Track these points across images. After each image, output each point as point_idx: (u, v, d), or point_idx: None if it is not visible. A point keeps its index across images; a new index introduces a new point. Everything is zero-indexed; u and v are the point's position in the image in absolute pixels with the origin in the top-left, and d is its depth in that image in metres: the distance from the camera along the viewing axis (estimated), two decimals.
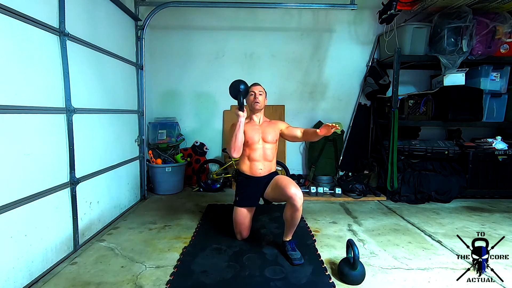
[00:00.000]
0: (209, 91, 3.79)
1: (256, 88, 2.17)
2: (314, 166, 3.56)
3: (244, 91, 2.08)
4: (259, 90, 2.17)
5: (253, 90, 2.15)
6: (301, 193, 1.87)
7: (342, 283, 1.67)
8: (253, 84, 2.20)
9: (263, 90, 2.20)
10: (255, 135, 2.13)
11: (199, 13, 3.61)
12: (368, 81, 3.64)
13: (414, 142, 3.37)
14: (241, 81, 2.09)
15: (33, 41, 1.67)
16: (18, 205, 1.55)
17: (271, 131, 2.15)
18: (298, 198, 1.84)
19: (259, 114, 2.21)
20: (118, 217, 2.66)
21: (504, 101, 3.38)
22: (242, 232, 2.16)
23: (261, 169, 2.14)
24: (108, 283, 1.66)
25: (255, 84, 2.21)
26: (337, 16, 3.69)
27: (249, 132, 2.12)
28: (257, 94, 2.14)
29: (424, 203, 3.15)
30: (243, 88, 2.07)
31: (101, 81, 2.42)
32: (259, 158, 2.14)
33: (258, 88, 2.17)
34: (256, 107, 2.15)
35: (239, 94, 2.05)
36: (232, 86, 2.09)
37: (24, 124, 1.60)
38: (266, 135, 2.14)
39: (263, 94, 2.18)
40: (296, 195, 1.84)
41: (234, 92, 2.08)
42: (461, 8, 3.01)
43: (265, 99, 2.21)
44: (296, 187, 1.88)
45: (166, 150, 3.58)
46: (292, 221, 1.92)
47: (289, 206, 1.89)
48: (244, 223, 2.15)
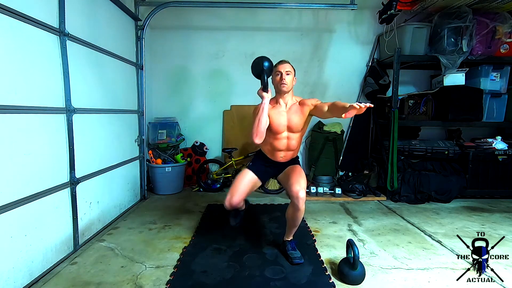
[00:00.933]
0: (209, 91, 3.79)
1: (283, 67, 1.89)
2: (314, 166, 3.56)
3: (268, 69, 1.84)
4: (286, 69, 1.89)
5: (279, 70, 1.88)
6: (304, 194, 1.78)
7: (342, 283, 1.67)
8: (280, 62, 1.92)
9: (291, 68, 1.92)
10: (280, 123, 1.91)
11: (199, 13, 3.61)
12: (368, 81, 3.64)
13: (414, 142, 3.37)
14: (265, 58, 1.84)
15: (33, 41, 1.67)
16: (18, 205, 1.55)
17: (299, 118, 1.91)
18: (300, 199, 1.76)
19: (286, 96, 1.94)
20: (118, 217, 2.66)
21: (504, 101, 3.38)
22: (234, 194, 1.88)
23: (282, 157, 1.99)
24: (108, 283, 1.66)
25: (282, 61, 1.92)
26: (337, 16, 3.69)
27: (274, 119, 1.90)
28: (284, 74, 1.87)
29: (424, 203, 3.15)
30: (267, 66, 1.83)
31: (101, 81, 2.42)
32: (283, 148, 1.97)
33: (285, 67, 1.89)
34: (283, 88, 1.89)
35: (262, 73, 1.81)
36: (255, 63, 1.85)
37: (24, 124, 1.60)
38: (293, 124, 1.91)
39: (291, 73, 1.91)
40: (298, 195, 1.76)
41: (257, 70, 1.85)
42: (461, 8, 3.01)
43: (294, 78, 1.93)
44: (301, 188, 1.79)
45: (166, 150, 3.58)
46: (293, 221, 1.88)
47: (291, 204, 1.84)
48: (241, 186, 1.92)
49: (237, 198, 1.88)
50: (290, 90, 1.93)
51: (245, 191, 1.92)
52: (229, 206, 1.89)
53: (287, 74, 1.88)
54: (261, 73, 1.83)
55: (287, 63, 1.93)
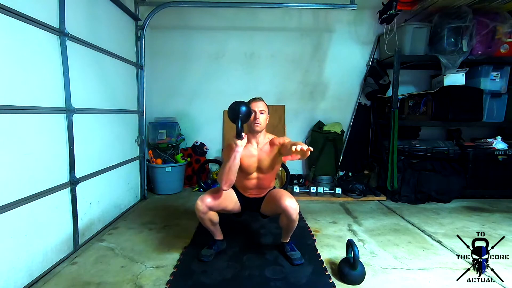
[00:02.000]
0: (209, 91, 3.79)
1: (256, 105, 1.81)
2: (314, 166, 3.56)
3: (245, 116, 1.72)
4: (260, 108, 1.81)
5: (253, 108, 1.79)
6: (296, 204, 1.73)
7: (342, 283, 1.67)
8: (253, 100, 1.84)
9: (265, 107, 1.84)
10: (250, 165, 1.86)
11: (199, 13, 3.61)
12: (368, 81, 3.64)
13: (414, 142, 3.37)
14: (242, 103, 1.71)
15: (33, 41, 1.67)
16: (18, 205, 1.55)
17: (270, 160, 1.85)
18: (293, 210, 1.70)
19: (259, 136, 1.87)
20: (118, 217, 2.66)
21: (504, 101, 3.37)
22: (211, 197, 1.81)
23: (255, 194, 1.97)
24: (108, 283, 1.66)
25: (256, 99, 1.84)
26: (337, 16, 3.69)
27: (244, 160, 1.83)
28: (258, 113, 1.80)
29: (424, 203, 3.15)
30: (244, 112, 1.70)
31: (101, 81, 2.42)
32: (253, 187, 1.95)
33: (258, 105, 1.81)
34: (256, 128, 1.82)
35: (237, 120, 1.69)
36: (231, 108, 1.72)
37: (24, 124, 1.60)
38: (264, 166, 1.86)
39: (265, 112, 1.84)
40: (291, 207, 1.70)
41: (233, 115, 1.72)
42: (461, 8, 3.01)
43: (267, 117, 1.86)
44: (291, 198, 1.73)
45: (166, 150, 3.58)
46: (288, 228, 1.86)
47: (284, 216, 1.76)
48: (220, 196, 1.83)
49: (212, 204, 1.78)
50: (263, 129, 1.86)
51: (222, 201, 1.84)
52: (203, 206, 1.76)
53: (261, 113, 1.81)
54: (236, 119, 1.70)
55: (261, 101, 1.85)
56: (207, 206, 1.78)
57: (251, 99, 1.87)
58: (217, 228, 1.96)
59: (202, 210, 1.78)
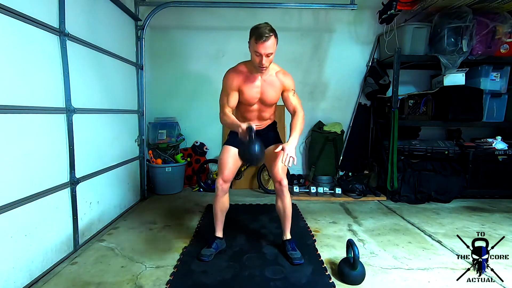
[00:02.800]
0: (209, 91, 3.77)
1: (263, 47, 1.59)
2: (314, 166, 3.56)
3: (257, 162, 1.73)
4: (268, 51, 1.62)
5: (259, 51, 1.61)
6: (286, 182, 1.89)
7: (342, 283, 1.67)
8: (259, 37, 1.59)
9: (273, 44, 1.63)
10: (252, 96, 1.81)
11: (199, 13, 3.61)
12: (368, 81, 3.64)
13: (414, 142, 3.37)
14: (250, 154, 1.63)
15: (33, 41, 1.67)
16: (18, 205, 1.55)
17: (273, 92, 1.81)
18: (284, 187, 1.88)
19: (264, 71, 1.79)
20: (118, 217, 2.66)
21: (504, 101, 3.37)
22: (223, 171, 1.85)
23: (256, 125, 1.86)
24: (108, 283, 1.66)
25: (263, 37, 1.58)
26: (337, 16, 3.69)
27: (246, 92, 1.80)
28: (264, 56, 1.64)
29: (424, 203, 3.15)
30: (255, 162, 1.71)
31: (101, 81, 2.42)
32: (254, 118, 1.93)
33: (266, 47, 1.60)
34: (262, 70, 1.74)
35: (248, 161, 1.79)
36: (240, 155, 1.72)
37: (24, 124, 1.60)
38: (267, 97, 1.82)
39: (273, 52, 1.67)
40: (282, 183, 1.87)
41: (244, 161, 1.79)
42: (461, 8, 3.01)
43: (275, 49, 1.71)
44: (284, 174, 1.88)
45: (166, 150, 3.58)
46: (285, 212, 1.94)
47: (277, 195, 1.94)
48: (228, 163, 1.88)
49: (228, 173, 1.86)
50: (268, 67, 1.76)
51: (233, 167, 1.90)
52: (222, 183, 1.85)
53: (267, 56, 1.64)
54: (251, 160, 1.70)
55: (269, 40, 1.59)
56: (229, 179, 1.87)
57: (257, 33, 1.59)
58: (222, 219, 2.01)
59: (223, 189, 1.87)
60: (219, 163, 1.93)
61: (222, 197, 1.91)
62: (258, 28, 1.63)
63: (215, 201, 1.93)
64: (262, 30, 1.60)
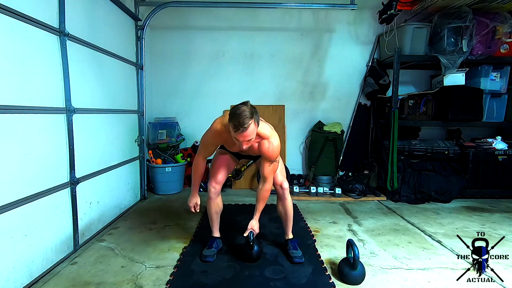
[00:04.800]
0: (209, 91, 3.79)
1: (242, 136, 1.52)
2: (314, 166, 3.56)
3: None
4: (247, 139, 1.54)
5: (238, 138, 1.54)
6: (287, 185, 1.91)
7: (342, 283, 1.67)
8: (237, 127, 1.48)
9: (253, 133, 1.55)
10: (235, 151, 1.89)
11: (199, 13, 3.61)
12: (368, 81, 3.64)
13: (414, 142, 3.37)
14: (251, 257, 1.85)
15: (33, 41, 1.67)
16: (18, 205, 1.55)
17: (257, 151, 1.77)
18: (285, 190, 1.90)
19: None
20: (118, 217, 2.66)
21: (504, 101, 3.38)
22: (216, 175, 1.92)
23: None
24: (108, 283, 1.66)
25: (241, 129, 1.48)
26: (337, 16, 3.69)
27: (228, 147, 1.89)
28: (244, 143, 1.57)
29: (424, 203, 3.15)
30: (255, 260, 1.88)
31: (101, 81, 2.42)
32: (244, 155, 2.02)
33: (244, 136, 1.52)
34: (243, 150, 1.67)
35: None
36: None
37: (24, 124, 1.60)
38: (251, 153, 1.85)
39: (253, 138, 1.58)
40: (283, 185, 1.89)
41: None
42: (461, 8, 3.01)
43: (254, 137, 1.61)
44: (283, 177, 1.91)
45: (166, 150, 3.58)
46: (286, 214, 1.96)
47: (278, 198, 1.96)
48: (220, 167, 1.93)
49: (220, 177, 1.95)
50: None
51: (226, 170, 1.98)
52: (215, 185, 1.95)
53: (246, 143, 1.57)
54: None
55: (248, 128, 1.48)
56: (221, 182, 1.95)
57: (235, 121, 1.48)
58: (218, 219, 2.05)
59: (215, 192, 1.95)
60: (212, 167, 2.00)
61: (215, 199, 1.97)
62: (236, 114, 1.49)
63: (209, 203, 1.98)
64: (241, 120, 1.47)
